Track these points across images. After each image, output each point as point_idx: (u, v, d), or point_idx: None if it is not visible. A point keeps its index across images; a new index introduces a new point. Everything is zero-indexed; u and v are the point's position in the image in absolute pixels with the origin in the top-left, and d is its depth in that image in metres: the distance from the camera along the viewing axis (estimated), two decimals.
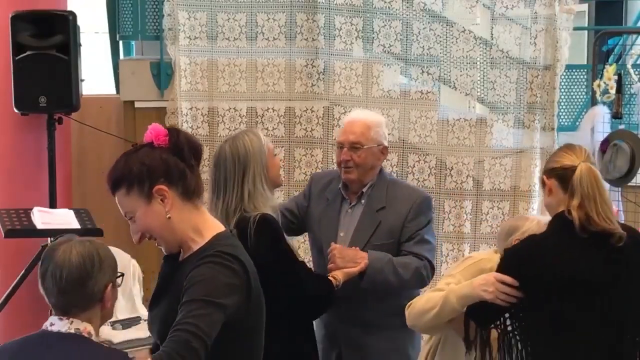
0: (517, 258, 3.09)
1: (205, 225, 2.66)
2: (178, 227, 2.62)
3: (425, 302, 3.35)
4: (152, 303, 2.76)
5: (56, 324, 2.58)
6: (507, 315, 3.12)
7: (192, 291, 2.49)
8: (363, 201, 4.03)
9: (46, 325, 2.60)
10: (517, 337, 3.11)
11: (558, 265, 3.02)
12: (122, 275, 2.67)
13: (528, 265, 3.05)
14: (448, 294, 3.21)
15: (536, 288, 3.03)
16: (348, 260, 3.83)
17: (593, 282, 3.02)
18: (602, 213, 3.03)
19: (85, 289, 2.54)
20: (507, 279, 3.03)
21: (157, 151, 2.62)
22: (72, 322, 2.55)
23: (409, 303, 3.45)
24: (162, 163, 2.60)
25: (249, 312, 2.60)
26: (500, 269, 3.09)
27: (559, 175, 3.11)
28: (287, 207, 4.17)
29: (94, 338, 2.56)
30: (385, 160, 5.35)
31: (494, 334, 3.17)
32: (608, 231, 3.03)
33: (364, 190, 4.03)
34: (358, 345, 4.00)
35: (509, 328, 3.12)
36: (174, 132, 2.65)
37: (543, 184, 3.19)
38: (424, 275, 3.93)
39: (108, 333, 4.82)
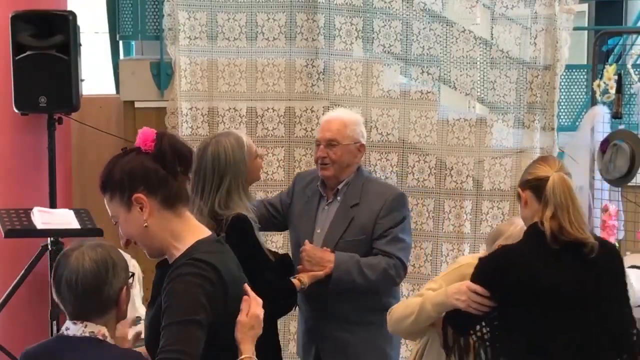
0: (489, 267, 3.15)
1: (188, 231, 2.63)
2: (156, 234, 2.61)
3: (403, 308, 3.43)
4: (147, 309, 2.79)
5: (71, 328, 2.59)
6: (483, 323, 3.16)
7: (169, 313, 2.48)
8: (339, 198, 4.11)
9: (62, 330, 2.61)
10: (491, 345, 3.15)
11: (529, 275, 3.06)
12: (133, 275, 2.70)
13: (500, 275, 3.10)
14: (424, 301, 3.29)
15: (507, 297, 3.08)
16: (314, 264, 3.94)
17: (564, 292, 3.06)
18: (575, 222, 3.08)
19: (102, 295, 2.57)
20: (479, 288, 3.09)
21: (142, 157, 2.60)
22: (86, 325, 2.58)
23: (390, 309, 3.52)
24: (142, 171, 2.59)
25: (228, 315, 2.58)
26: (474, 277, 3.14)
27: (532, 187, 3.17)
28: (271, 202, 4.34)
29: (109, 340, 2.60)
30: (385, 160, 5.42)
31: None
32: (581, 241, 3.08)
33: (339, 187, 4.10)
34: (334, 341, 4.07)
35: (486, 336, 3.16)
36: (159, 138, 2.61)
37: (519, 196, 3.24)
38: (393, 275, 3.99)
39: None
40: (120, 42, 6.07)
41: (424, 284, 5.30)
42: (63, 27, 5.29)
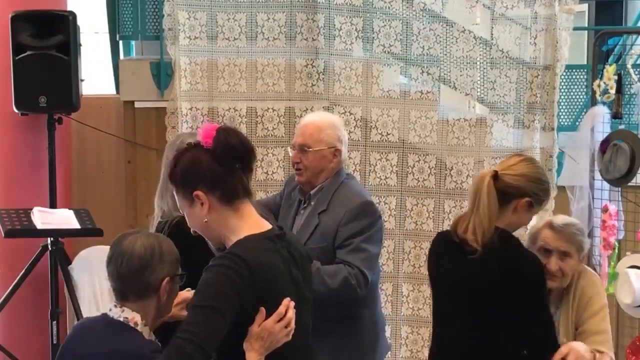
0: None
1: (244, 226, 2.72)
2: (215, 229, 2.73)
3: None
4: None
5: (112, 310, 2.79)
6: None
7: (195, 297, 2.63)
8: (312, 203, 4.03)
9: (107, 309, 2.82)
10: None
11: (434, 266, 3.45)
12: (185, 275, 2.84)
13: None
14: None
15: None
16: None
17: (453, 283, 3.32)
18: (472, 222, 3.24)
19: (142, 278, 2.73)
20: None
21: (201, 154, 2.70)
22: (123, 310, 2.76)
23: None
24: (200, 168, 2.69)
25: (255, 311, 2.64)
26: None
27: None
28: (266, 203, 4.30)
29: (140, 327, 2.75)
30: (385, 160, 5.42)
31: None
32: (466, 242, 3.24)
33: (312, 192, 4.02)
34: None
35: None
36: (217, 134, 2.70)
37: None
38: (354, 285, 3.83)
39: None
40: (120, 42, 6.07)
41: (424, 284, 5.32)
42: (63, 27, 5.29)
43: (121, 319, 2.75)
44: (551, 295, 3.43)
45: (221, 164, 2.69)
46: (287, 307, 2.68)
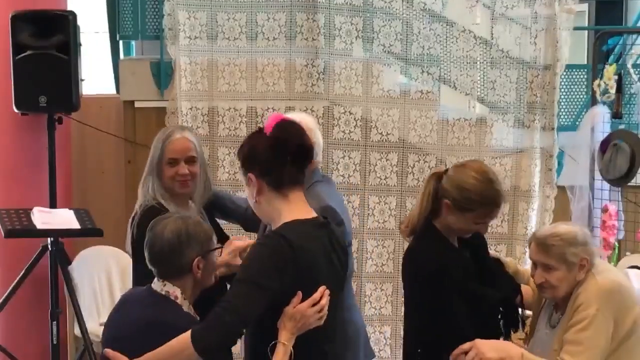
0: None
1: (290, 211, 2.91)
2: (264, 209, 2.96)
3: None
4: None
5: (155, 284, 3.03)
6: None
7: (240, 271, 2.86)
8: None
9: (152, 282, 3.05)
10: None
11: None
12: (219, 247, 3.13)
13: None
14: None
15: None
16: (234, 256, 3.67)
17: None
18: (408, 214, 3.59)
19: (174, 262, 2.96)
20: None
21: (263, 140, 2.93)
22: (164, 284, 3.00)
23: None
24: (258, 154, 2.92)
25: (294, 290, 2.83)
26: None
27: None
28: (233, 200, 4.26)
29: (180, 300, 2.98)
30: (385, 160, 5.42)
31: None
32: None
33: None
34: None
35: None
36: (277, 125, 2.94)
37: None
38: None
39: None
40: (120, 42, 6.07)
41: None
42: (63, 27, 5.29)
43: (163, 292, 2.99)
44: (557, 304, 3.40)
45: (274, 153, 2.90)
46: (322, 294, 2.85)
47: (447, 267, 3.28)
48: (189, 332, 2.79)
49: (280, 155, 2.90)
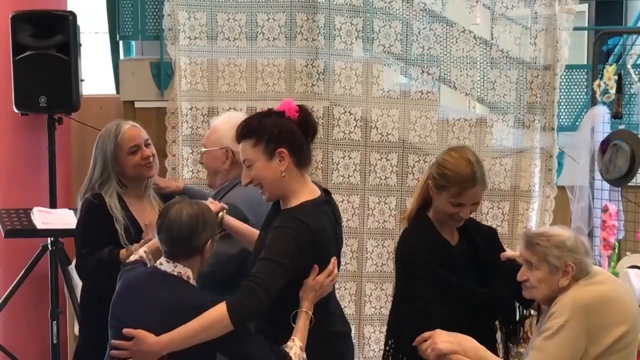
0: None
1: (304, 190, 3.21)
2: (286, 185, 3.18)
3: None
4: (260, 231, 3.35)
5: (164, 265, 3.14)
6: None
7: (266, 250, 3.08)
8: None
9: (157, 264, 3.17)
10: None
11: None
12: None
13: None
14: None
15: None
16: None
17: None
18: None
19: (191, 243, 3.10)
20: None
21: (288, 121, 3.16)
22: (176, 265, 3.12)
23: None
24: (289, 132, 3.16)
25: (314, 262, 3.14)
26: None
27: None
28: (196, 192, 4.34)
29: (192, 281, 3.13)
30: (385, 160, 5.42)
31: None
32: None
33: (212, 194, 3.89)
34: None
35: None
36: (302, 110, 3.20)
37: None
38: None
39: None
40: (120, 42, 6.07)
41: None
42: (63, 27, 5.29)
43: (175, 273, 3.11)
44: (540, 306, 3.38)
45: (304, 134, 3.19)
46: (334, 264, 3.21)
47: (418, 253, 3.39)
48: (222, 305, 2.98)
49: (307, 135, 3.20)
